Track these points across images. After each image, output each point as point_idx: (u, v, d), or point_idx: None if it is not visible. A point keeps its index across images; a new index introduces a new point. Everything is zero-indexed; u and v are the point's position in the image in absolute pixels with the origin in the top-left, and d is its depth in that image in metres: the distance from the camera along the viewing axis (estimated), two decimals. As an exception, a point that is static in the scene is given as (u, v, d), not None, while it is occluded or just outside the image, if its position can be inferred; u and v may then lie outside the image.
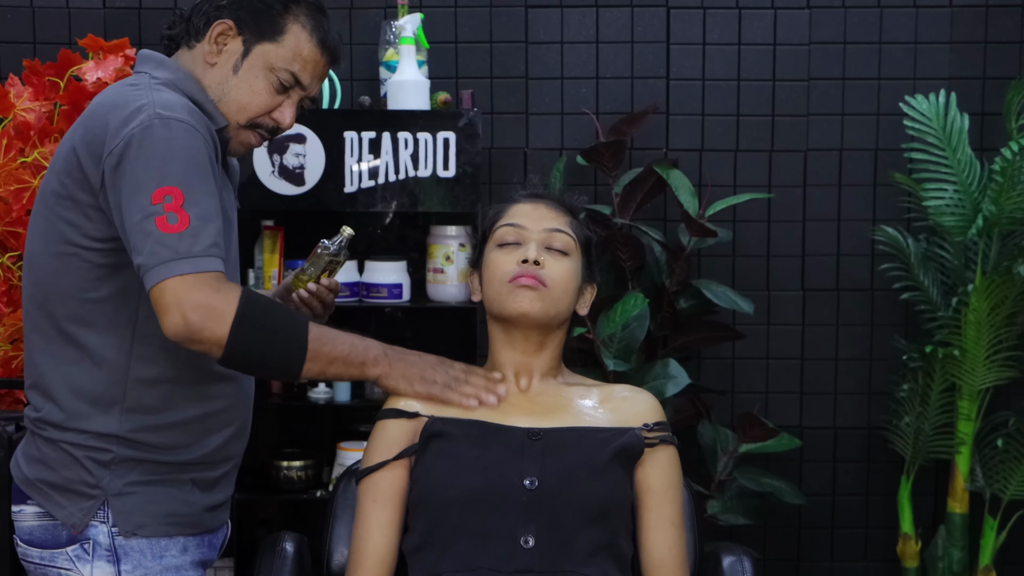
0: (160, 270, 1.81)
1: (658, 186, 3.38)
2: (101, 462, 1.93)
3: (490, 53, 3.54)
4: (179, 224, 1.82)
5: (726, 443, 3.37)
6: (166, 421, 1.96)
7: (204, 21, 2.02)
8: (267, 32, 2.01)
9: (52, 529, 1.96)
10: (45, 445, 1.96)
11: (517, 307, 2.00)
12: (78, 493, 1.94)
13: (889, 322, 3.57)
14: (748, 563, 2.12)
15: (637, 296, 3.21)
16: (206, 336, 1.83)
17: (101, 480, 1.93)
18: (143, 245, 1.82)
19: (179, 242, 1.81)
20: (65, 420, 1.94)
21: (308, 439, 3.50)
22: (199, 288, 1.82)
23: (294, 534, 2.18)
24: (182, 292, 1.81)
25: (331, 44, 2.06)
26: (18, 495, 2.00)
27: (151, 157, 1.83)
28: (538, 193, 2.16)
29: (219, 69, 2.01)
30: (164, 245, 1.81)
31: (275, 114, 2.05)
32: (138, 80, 1.97)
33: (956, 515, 3.33)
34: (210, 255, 1.84)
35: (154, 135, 1.84)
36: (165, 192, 1.82)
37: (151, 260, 1.81)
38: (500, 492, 1.91)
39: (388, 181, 3.20)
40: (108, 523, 1.94)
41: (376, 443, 2.03)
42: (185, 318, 1.81)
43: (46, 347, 1.96)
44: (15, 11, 3.51)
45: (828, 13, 3.53)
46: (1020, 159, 3.05)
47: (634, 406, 2.05)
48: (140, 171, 1.83)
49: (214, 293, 1.83)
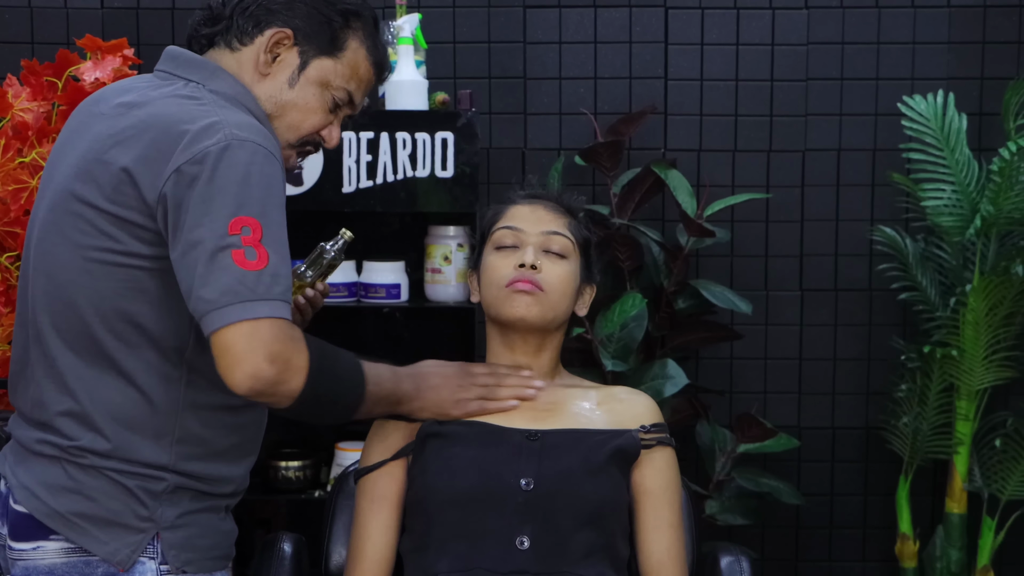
0: (235, 311, 1.64)
1: (656, 186, 3.38)
2: (154, 492, 1.77)
3: (488, 53, 3.54)
4: (258, 261, 1.66)
5: (724, 443, 3.37)
6: (212, 450, 1.82)
7: (254, 24, 1.86)
8: (327, 46, 1.87)
9: (82, 567, 1.76)
10: (83, 474, 1.76)
11: (514, 312, 2.00)
12: (125, 526, 1.76)
13: (887, 322, 3.57)
14: (746, 563, 2.12)
15: (635, 296, 3.21)
16: (281, 390, 1.69)
17: (154, 512, 1.77)
18: (215, 278, 1.64)
19: (258, 281, 1.65)
20: (112, 450, 1.75)
21: (306, 439, 3.50)
22: (278, 338, 1.66)
23: (292, 534, 2.19)
24: (260, 340, 1.65)
25: (385, 64, 1.95)
26: (33, 530, 1.78)
27: (229, 181, 1.67)
28: (536, 194, 2.15)
29: (272, 81, 1.86)
30: (241, 283, 1.64)
31: (324, 132, 1.91)
32: (198, 93, 1.79)
33: (954, 515, 3.33)
34: (286, 300, 1.69)
35: (233, 158, 1.68)
36: (243, 223, 1.66)
37: (223, 298, 1.63)
38: (497, 493, 1.91)
39: (386, 181, 3.19)
40: (157, 559, 1.77)
41: (374, 443, 2.04)
42: (262, 370, 1.65)
43: (84, 372, 1.76)
44: (13, 11, 3.50)
45: (826, 13, 3.53)
46: (1018, 159, 3.05)
47: (631, 408, 2.05)
48: (216, 194, 1.66)
49: (291, 343, 1.68)
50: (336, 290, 3.26)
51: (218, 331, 1.65)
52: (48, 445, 1.79)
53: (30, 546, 1.78)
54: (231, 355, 1.65)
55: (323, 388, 1.76)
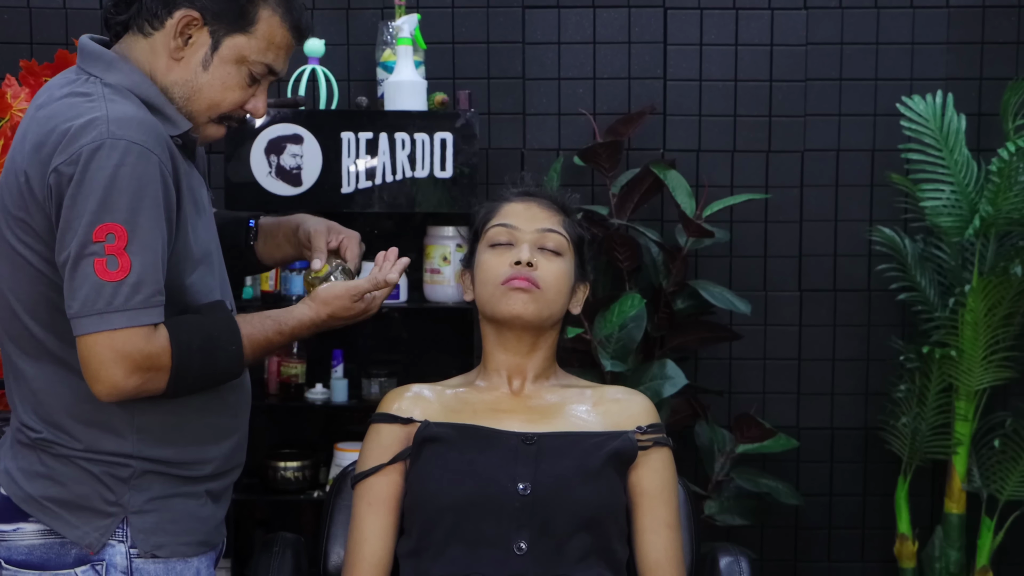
0: (91, 322, 1.70)
1: (655, 187, 3.38)
2: (120, 478, 1.82)
3: (487, 54, 3.54)
4: (119, 271, 1.70)
5: (723, 444, 3.37)
6: (182, 434, 1.86)
7: (162, 6, 1.83)
8: (237, 23, 1.85)
9: (58, 548, 1.83)
10: (53, 460, 1.83)
11: (510, 310, 2.00)
12: (94, 511, 1.82)
13: (886, 323, 3.57)
14: (745, 563, 2.12)
15: (634, 297, 3.21)
16: (147, 389, 1.76)
17: (121, 497, 1.82)
18: (78, 289, 1.70)
19: (116, 292, 1.70)
20: (74, 442, 1.82)
21: (305, 440, 3.50)
22: (136, 347, 1.71)
23: (291, 535, 2.18)
24: (116, 352, 1.71)
25: (303, 25, 1.92)
26: (12, 513, 1.85)
27: (96, 184, 1.70)
28: (530, 192, 2.15)
29: (185, 65, 1.85)
30: (99, 294, 1.69)
31: (248, 105, 1.92)
32: (91, 89, 1.80)
33: (953, 515, 3.33)
34: (150, 305, 1.73)
35: (103, 159, 1.70)
36: (108, 230, 1.69)
37: (83, 309, 1.70)
38: (494, 498, 1.90)
39: (385, 182, 3.19)
40: (127, 543, 1.83)
41: (370, 447, 2.03)
42: (119, 382, 1.72)
43: (35, 370, 1.83)
44: (12, 11, 3.50)
45: (825, 14, 3.53)
46: (1017, 159, 3.05)
47: (627, 408, 2.05)
48: (84, 198, 1.70)
49: (148, 349, 1.73)
50: (335, 290, 3.26)
51: (78, 339, 1.72)
52: (21, 432, 1.87)
53: (11, 527, 1.85)
54: (89, 368, 1.73)
55: (194, 373, 1.79)
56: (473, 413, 2.01)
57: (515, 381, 2.07)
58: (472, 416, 2.01)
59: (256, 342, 1.89)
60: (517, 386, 2.06)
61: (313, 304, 1.98)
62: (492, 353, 2.07)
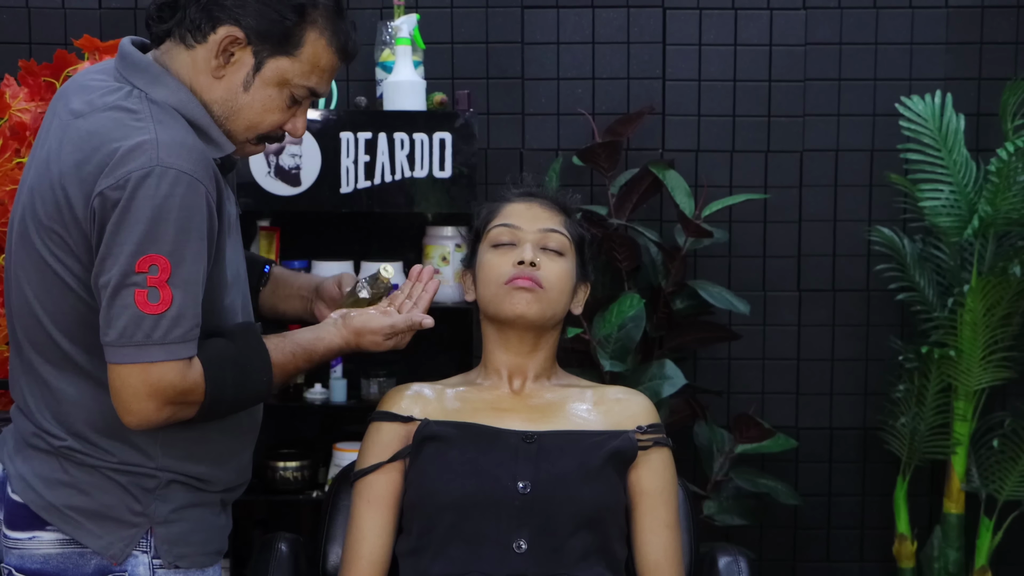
0: (127, 353, 1.68)
1: (654, 187, 3.38)
2: (147, 488, 1.80)
3: (486, 54, 3.54)
4: (160, 304, 1.67)
5: (722, 444, 3.37)
6: (203, 453, 1.85)
7: (206, 19, 1.76)
8: (282, 45, 1.78)
9: (76, 558, 1.80)
10: (77, 469, 1.79)
11: (514, 309, 2.00)
12: (119, 521, 1.79)
13: (885, 323, 3.57)
14: (744, 563, 2.12)
15: (633, 297, 3.21)
16: (177, 419, 1.74)
17: (147, 507, 1.80)
18: (116, 318, 1.67)
19: (155, 326, 1.67)
20: (101, 453, 1.79)
21: (304, 439, 3.50)
22: (169, 382, 1.70)
23: (290, 534, 2.18)
24: (149, 387, 1.69)
25: (350, 48, 1.86)
26: (28, 520, 1.80)
27: (143, 214, 1.66)
28: (532, 192, 2.15)
29: (226, 84, 1.79)
30: (139, 326, 1.67)
31: (287, 126, 1.87)
32: (137, 106, 1.74)
33: (952, 515, 3.33)
34: (187, 340, 1.71)
35: (151, 188, 1.66)
36: (151, 261, 1.66)
37: (120, 339, 1.67)
38: (494, 496, 1.90)
39: (384, 182, 3.19)
40: (150, 553, 1.80)
41: (370, 445, 2.03)
42: (150, 415, 1.70)
43: (60, 381, 1.79)
44: (11, 11, 3.50)
45: (824, 14, 3.53)
46: (1016, 160, 3.05)
47: (627, 408, 2.05)
48: (129, 227, 1.66)
49: (182, 387, 1.71)
50: (334, 290, 3.26)
51: (111, 367, 1.70)
52: (41, 440, 1.81)
53: (26, 536, 1.81)
54: (121, 398, 1.71)
55: (226, 404, 1.79)
56: (473, 412, 2.02)
57: (516, 380, 2.07)
58: (472, 415, 2.01)
59: (285, 371, 1.88)
60: (518, 385, 2.07)
61: (344, 332, 1.95)
62: (493, 353, 2.08)
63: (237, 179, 3.17)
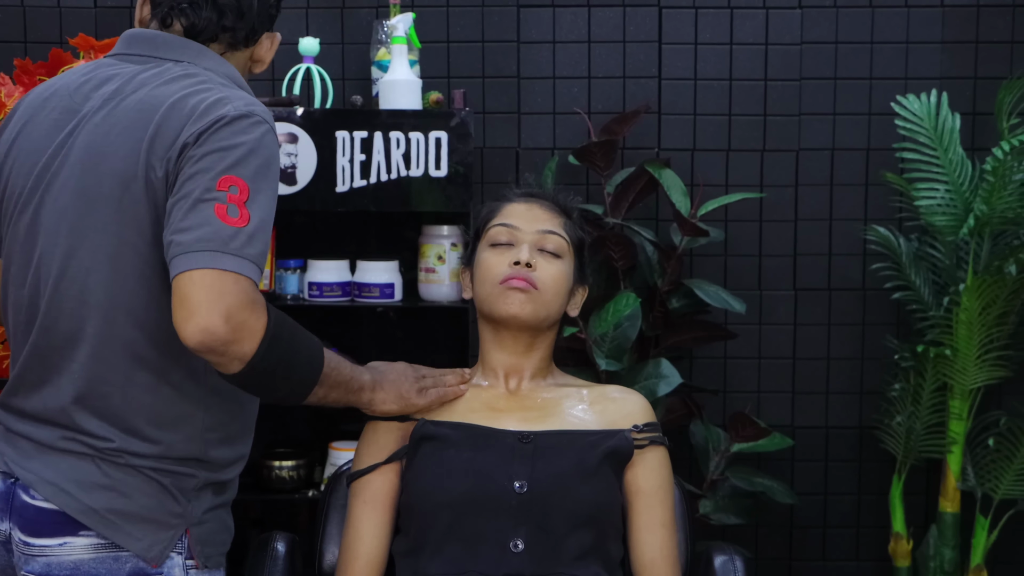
0: (203, 258, 1.63)
1: (650, 186, 3.38)
2: (186, 489, 1.82)
3: (482, 53, 3.54)
4: (239, 219, 1.65)
5: (718, 443, 3.37)
6: (228, 433, 1.87)
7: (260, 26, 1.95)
8: None
9: (111, 563, 1.78)
10: (118, 471, 1.78)
11: (507, 309, 2.00)
12: (158, 523, 1.80)
13: (881, 321, 3.57)
14: (740, 562, 2.12)
15: (629, 296, 3.21)
16: (232, 350, 1.67)
17: (186, 508, 1.82)
18: (194, 224, 1.64)
19: (234, 237, 1.65)
20: (148, 450, 1.78)
21: (300, 439, 3.49)
22: (238, 296, 1.64)
23: (285, 534, 2.18)
24: (219, 294, 1.63)
25: None
26: (59, 526, 1.78)
27: (230, 146, 1.69)
28: (533, 193, 2.15)
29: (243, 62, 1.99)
30: (217, 234, 1.64)
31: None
32: (194, 71, 1.82)
33: (948, 514, 3.33)
34: (257, 263, 1.68)
35: (242, 125, 1.71)
36: (232, 182, 1.67)
37: (196, 244, 1.63)
38: (490, 496, 1.91)
39: (380, 181, 3.19)
40: (184, 554, 1.82)
41: (366, 445, 2.03)
42: (215, 326, 1.63)
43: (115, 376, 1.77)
44: (6, 10, 3.50)
45: (820, 13, 3.53)
46: (1011, 159, 3.05)
47: (624, 407, 2.05)
48: (213, 154, 1.68)
49: (251, 304, 1.66)
50: (330, 289, 3.26)
51: (181, 275, 1.64)
52: (76, 443, 1.79)
53: (56, 542, 1.78)
54: (188, 305, 1.64)
55: (277, 358, 1.73)
56: (470, 412, 2.02)
57: (512, 380, 2.07)
58: (469, 415, 2.01)
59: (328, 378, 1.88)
60: (514, 385, 2.07)
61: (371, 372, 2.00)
62: (489, 352, 2.08)
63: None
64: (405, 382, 2.02)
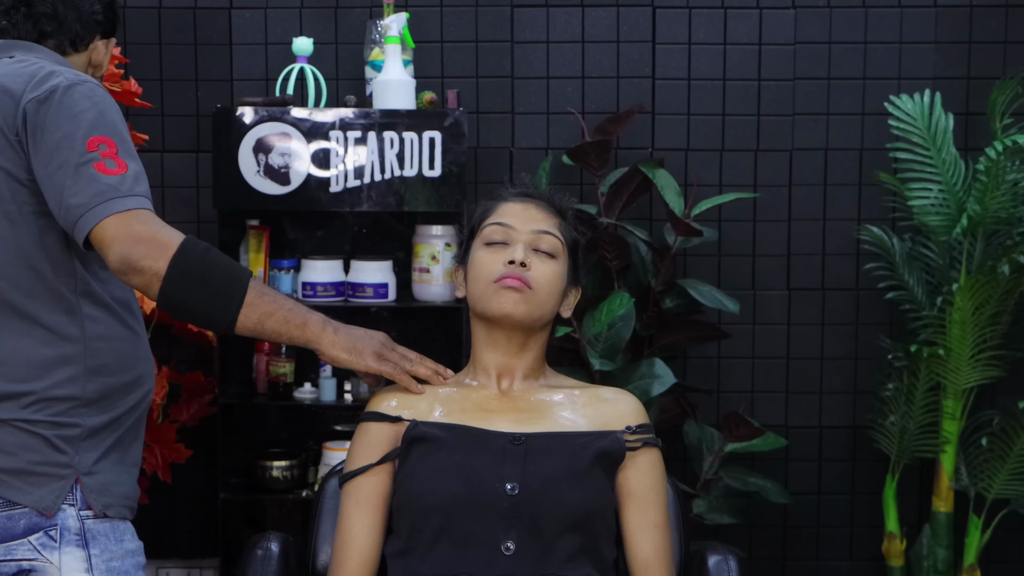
0: (103, 208, 1.81)
1: (644, 186, 3.38)
2: (70, 438, 1.89)
3: (476, 52, 3.54)
4: (118, 168, 1.84)
5: (712, 442, 3.37)
6: (125, 361, 1.95)
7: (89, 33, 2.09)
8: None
9: (4, 521, 1.87)
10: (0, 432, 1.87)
11: (500, 308, 2.00)
12: (46, 475, 1.87)
13: (874, 321, 3.58)
14: (733, 562, 2.12)
15: (623, 296, 3.21)
16: (147, 265, 1.81)
17: (72, 459, 1.89)
18: (82, 188, 1.82)
19: (120, 183, 1.83)
20: (27, 394, 1.87)
21: (293, 439, 3.49)
22: (142, 221, 1.83)
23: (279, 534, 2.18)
24: (124, 225, 1.81)
25: None
26: None
27: (80, 108, 1.86)
28: (528, 192, 2.15)
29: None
30: (107, 186, 1.82)
31: None
32: (25, 58, 1.98)
33: (941, 514, 3.34)
34: (147, 197, 1.86)
35: (79, 91, 1.87)
36: (99, 141, 1.85)
37: (93, 200, 1.81)
38: (482, 498, 1.90)
39: (374, 180, 3.19)
40: (77, 505, 1.89)
41: (359, 446, 2.03)
42: (127, 248, 1.80)
43: None
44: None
45: (813, 13, 3.54)
46: (1004, 159, 3.05)
47: (616, 408, 2.04)
48: (67, 121, 1.85)
49: (158, 226, 1.84)
50: (324, 289, 3.26)
51: (93, 229, 1.82)
52: None
53: None
54: (105, 243, 1.82)
55: (193, 275, 1.84)
56: (462, 413, 2.01)
57: (504, 381, 2.06)
58: (461, 416, 2.00)
59: (264, 293, 1.91)
60: (506, 386, 2.06)
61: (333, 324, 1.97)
62: (481, 352, 2.07)
63: (225, 178, 3.19)
64: (369, 342, 1.98)
